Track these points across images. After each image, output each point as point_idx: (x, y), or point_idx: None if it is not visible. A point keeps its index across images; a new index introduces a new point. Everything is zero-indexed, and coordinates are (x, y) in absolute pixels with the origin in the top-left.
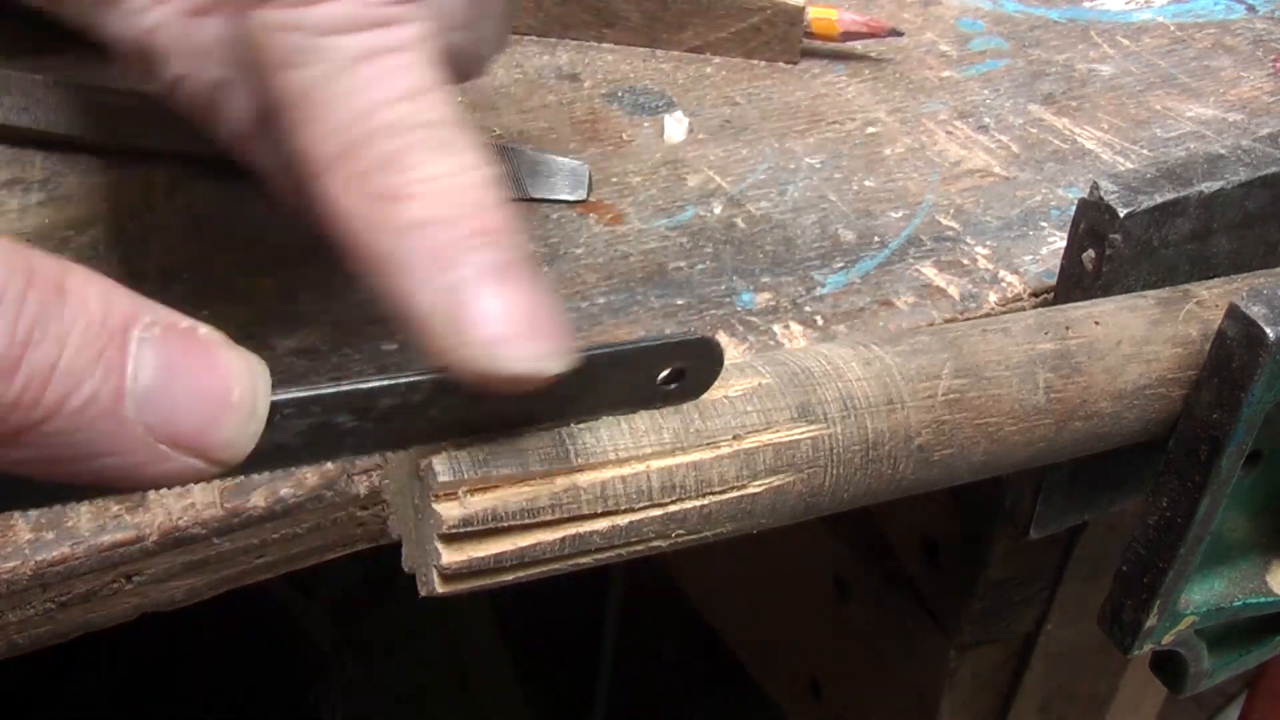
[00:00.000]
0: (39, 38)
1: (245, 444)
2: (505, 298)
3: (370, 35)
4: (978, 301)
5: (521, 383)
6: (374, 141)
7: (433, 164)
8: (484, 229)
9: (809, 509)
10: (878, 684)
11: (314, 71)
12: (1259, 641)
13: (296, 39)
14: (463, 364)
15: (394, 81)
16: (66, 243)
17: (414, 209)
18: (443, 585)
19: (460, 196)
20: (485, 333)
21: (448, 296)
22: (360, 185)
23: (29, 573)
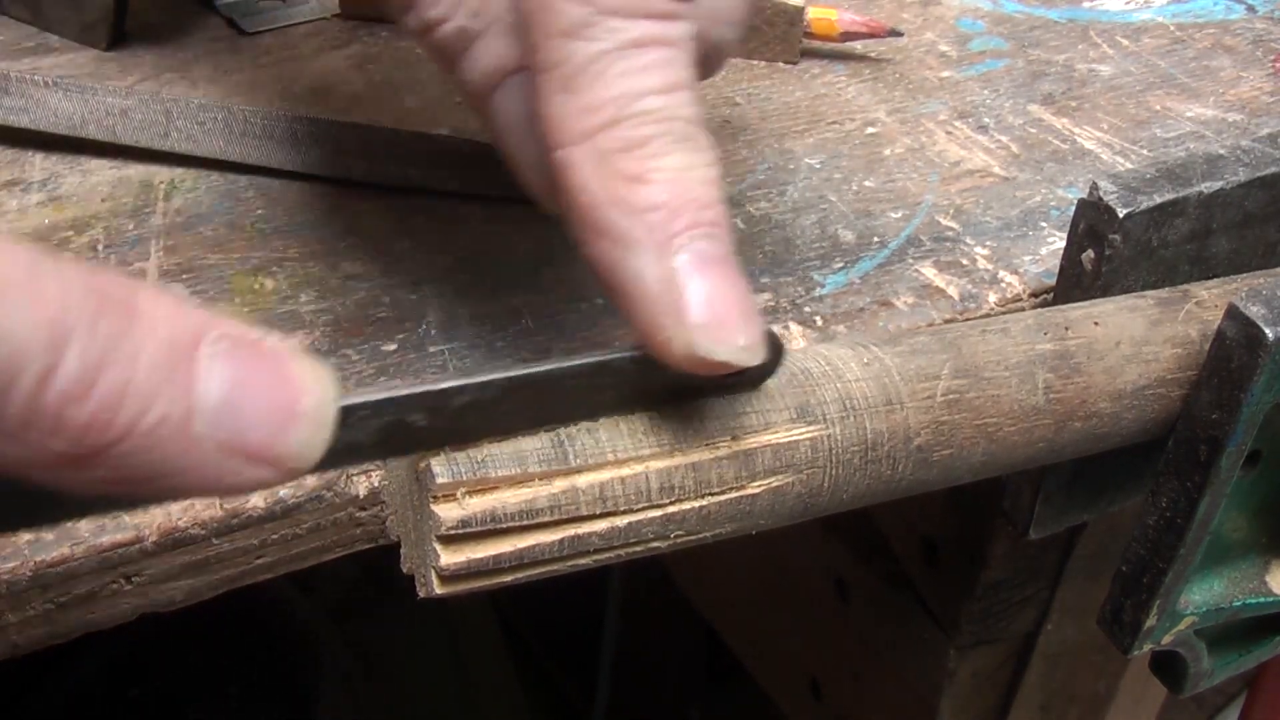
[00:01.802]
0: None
1: (315, 452)
2: (720, 287)
3: (649, 25)
4: (977, 302)
5: (719, 368)
6: (627, 125)
7: (674, 156)
8: (708, 222)
9: (808, 510)
10: (878, 684)
11: (591, 46)
12: (1259, 641)
13: (584, 12)
14: (670, 343)
15: (658, 73)
16: (66, 243)
17: (651, 192)
18: (441, 586)
19: (692, 189)
20: (699, 316)
21: (669, 277)
22: (605, 162)
23: (29, 573)
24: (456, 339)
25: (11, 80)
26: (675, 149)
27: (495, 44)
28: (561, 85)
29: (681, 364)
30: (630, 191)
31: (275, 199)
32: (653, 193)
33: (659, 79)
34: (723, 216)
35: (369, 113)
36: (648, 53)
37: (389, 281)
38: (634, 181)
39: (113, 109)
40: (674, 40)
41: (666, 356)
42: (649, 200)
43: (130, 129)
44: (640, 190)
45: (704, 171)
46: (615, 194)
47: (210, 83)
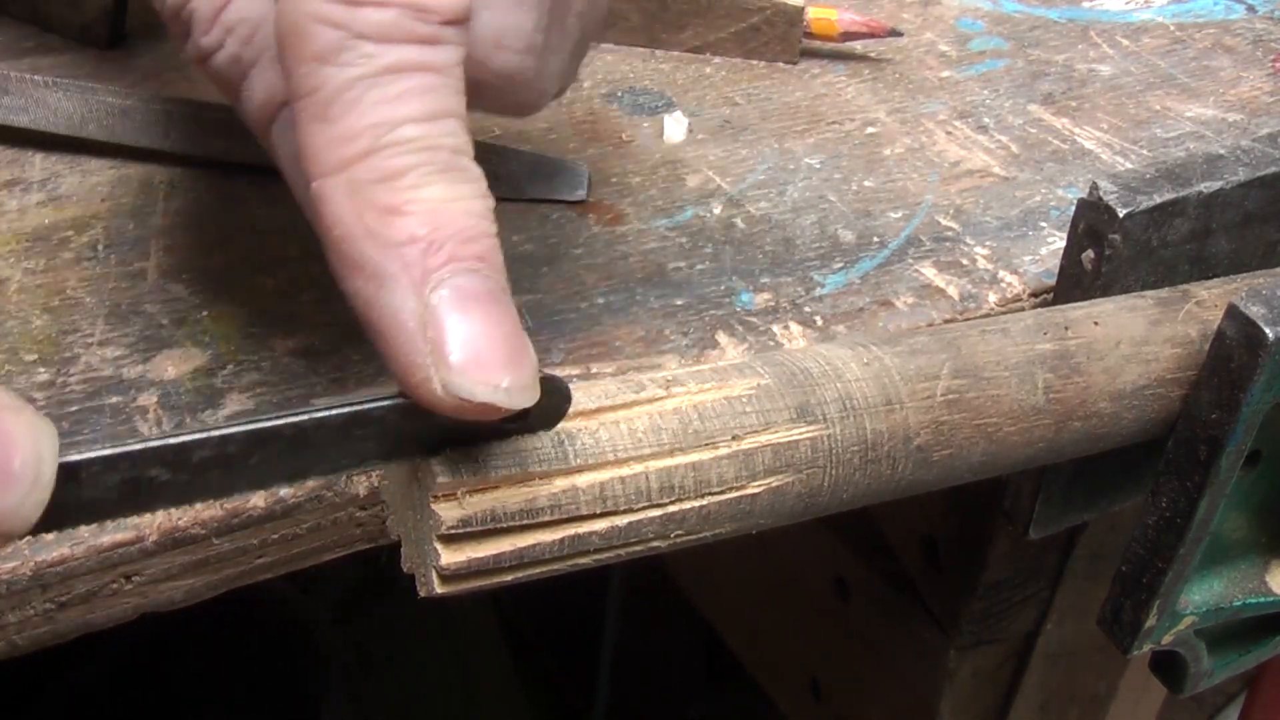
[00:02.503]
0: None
1: (30, 512)
2: (482, 325)
3: (407, 49)
4: (977, 302)
5: (483, 410)
6: (383, 155)
7: (434, 186)
8: (472, 255)
9: (808, 509)
10: (878, 684)
11: (345, 73)
12: (1259, 641)
13: (336, 36)
14: (427, 384)
15: (417, 100)
16: (66, 243)
17: (407, 224)
18: (442, 586)
19: (455, 221)
20: (458, 356)
21: (426, 314)
22: (359, 193)
23: (29, 573)
24: None
25: (11, 80)
26: (436, 179)
27: (268, 73)
28: (316, 114)
29: (441, 406)
30: (385, 224)
31: (275, 199)
32: (409, 225)
33: (418, 107)
34: (491, 250)
35: None
36: (406, 79)
37: None
38: (389, 214)
39: (113, 109)
40: (437, 66)
41: (425, 399)
42: (405, 233)
43: (130, 129)
44: (396, 223)
45: (469, 203)
46: (369, 227)
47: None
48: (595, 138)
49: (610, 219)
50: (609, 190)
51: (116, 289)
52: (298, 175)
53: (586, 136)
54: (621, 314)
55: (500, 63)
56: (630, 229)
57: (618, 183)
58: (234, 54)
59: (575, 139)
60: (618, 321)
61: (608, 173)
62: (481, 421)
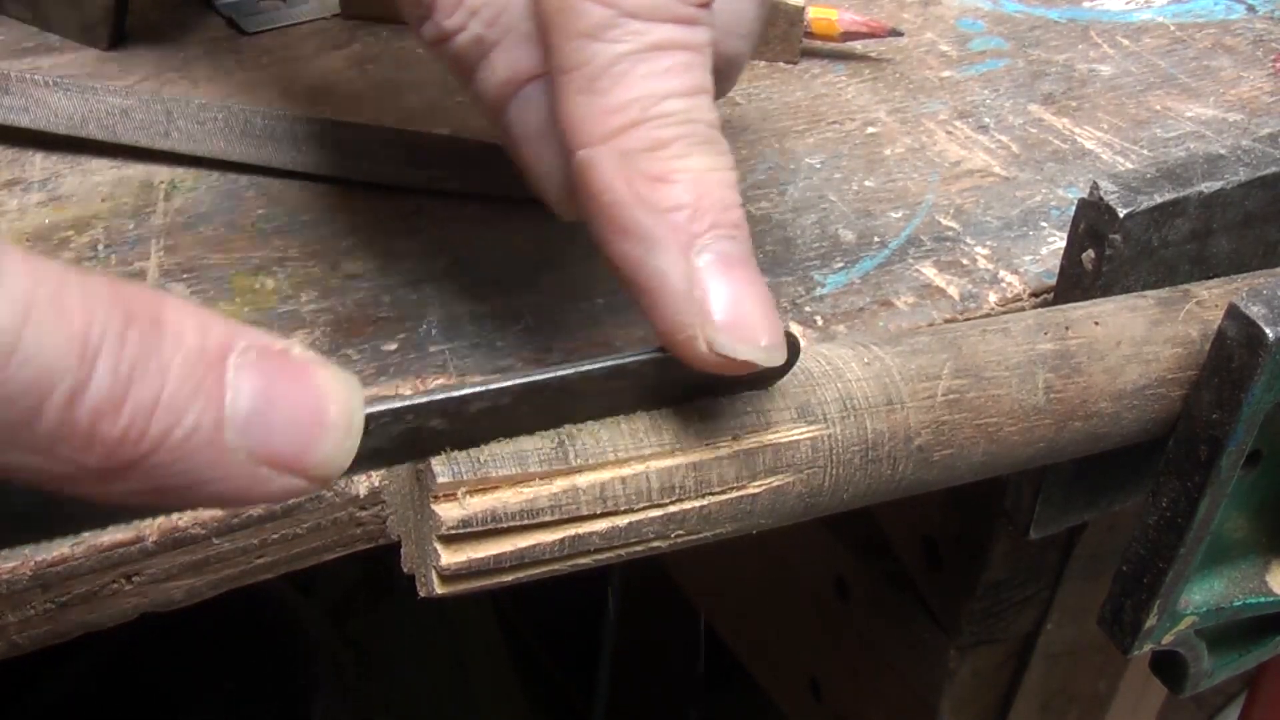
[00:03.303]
0: (39, 38)
1: (343, 460)
2: (743, 287)
3: (671, 29)
4: (977, 302)
5: (742, 367)
6: (651, 126)
7: (696, 157)
8: (730, 223)
9: (808, 509)
10: (878, 684)
11: (614, 48)
12: (1259, 641)
13: (606, 14)
14: (694, 341)
15: (681, 76)
16: (66, 243)
17: (675, 192)
18: (442, 586)
19: (714, 191)
20: (723, 315)
21: (693, 276)
22: (628, 162)
23: (29, 573)
24: (457, 339)
25: (12, 80)
26: (697, 151)
27: (511, 52)
28: (583, 86)
29: (704, 363)
30: (654, 191)
31: (275, 199)
32: (676, 193)
33: (681, 82)
34: (743, 219)
35: (369, 113)
36: (670, 56)
37: (389, 281)
38: (658, 181)
39: (113, 108)
40: (695, 45)
41: (689, 355)
42: (673, 200)
43: (131, 129)
44: (664, 190)
45: (725, 174)
46: (639, 194)
47: (210, 83)
48: None
49: None
50: None
51: None
52: (538, 149)
53: None
54: (621, 314)
55: (729, 47)
56: None
57: None
58: (477, 35)
59: None
60: (618, 321)
61: None
62: (733, 376)
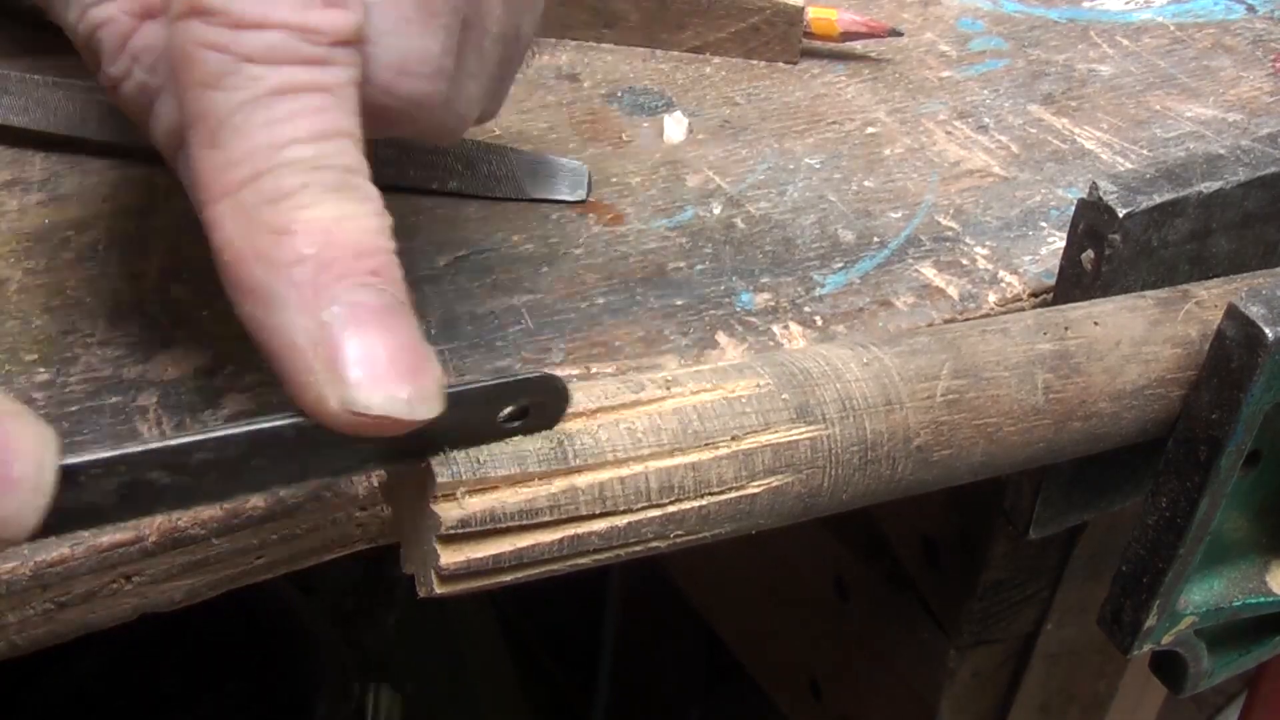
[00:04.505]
0: (39, 38)
1: (30, 518)
2: (377, 338)
3: (294, 70)
4: (977, 302)
5: (387, 424)
6: (272, 176)
7: (322, 206)
8: (365, 270)
9: (808, 509)
10: (878, 684)
11: (232, 97)
12: (1259, 641)
13: (221, 60)
14: (325, 401)
15: (306, 120)
16: (66, 243)
17: (296, 243)
18: (441, 586)
19: (343, 239)
20: (355, 372)
21: (317, 335)
22: (247, 217)
23: (28, 573)
24: (457, 339)
25: (11, 80)
26: (326, 198)
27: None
28: (205, 140)
29: (342, 424)
30: (273, 245)
31: None
32: (297, 244)
33: (307, 127)
34: (386, 264)
35: None
36: (294, 100)
37: None
38: (277, 234)
39: (113, 109)
40: (326, 85)
41: (322, 418)
42: (293, 253)
43: (131, 129)
44: (284, 242)
45: (362, 220)
46: (258, 249)
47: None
48: (595, 138)
49: (610, 219)
50: (609, 190)
51: (116, 289)
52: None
53: (586, 136)
54: (621, 314)
55: (406, 88)
56: (630, 229)
57: (618, 183)
58: (141, 82)
59: (575, 139)
60: (618, 321)
61: (608, 173)
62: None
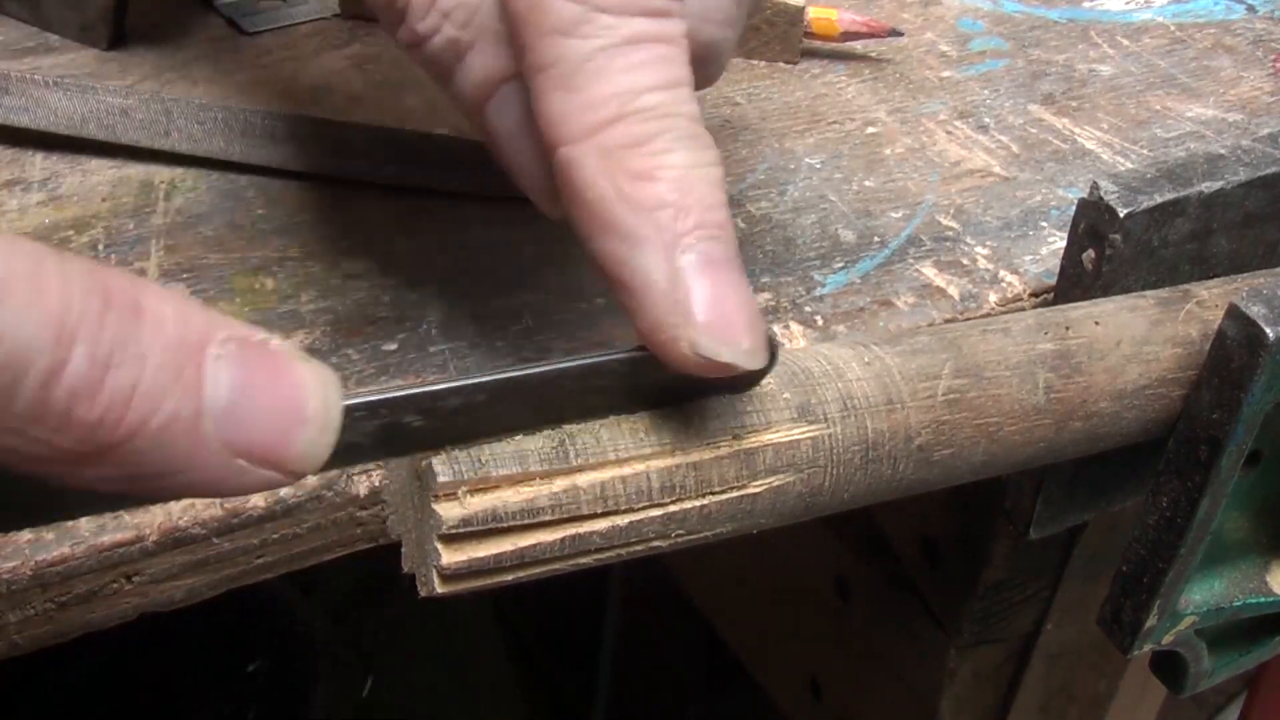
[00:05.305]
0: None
1: (320, 454)
2: (725, 289)
3: (644, 22)
4: (978, 301)
5: (722, 369)
6: (631, 121)
7: (679, 153)
8: (715, 223)
9: (809, 509)
10: (878, 684)
11: (587, 44)
12: (1259, 641)
13: (577, 9)
14: (675, 342)
15: (657, 70)
16: (66, 243)
17: (658, 190)
18: (442, 585)
19: (698, 188)
20: (705, 317)
21: (676, 276)
22: (610, 159)
23: (29, 573)
24: (457, 339)
25: (11, 80)
26: (680, 146)
27: (486, 54)
28: (559, 83)
29: (685, 364)
30: (637, 188)
31: (275, 199)
32: (660, 190)
33: (658, 75)
34: (728, 218)
35: (369, 113)
36: (645, 49)
37: (389, 281)
38: (640, 179)
39: (113, 108)
40: (669, 37)
41: (670, 356)
42: (657, 198)
43: (131, 128)
44: (647, 187)
45: (709, 171)
46: (622, 191)
47: (210, 83)
48: None
49: None
50: None
51: None
52: (518, 149)
53: None
54: (621, 314)
55: (706, 35)
56: None
57: None
58: (451, 38)
59: None
60: (618, 321)
61: None
62: (712, 378)
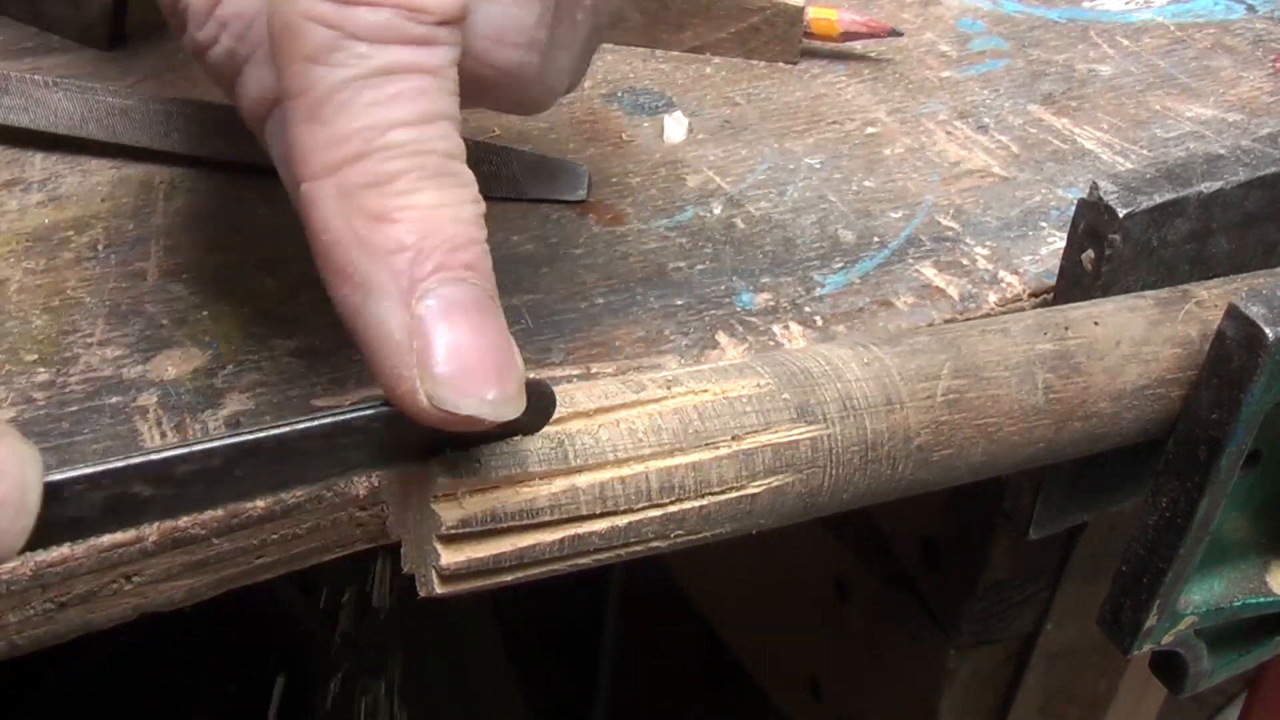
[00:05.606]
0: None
1: (15, 537)
2: (468, 335)
3: (401, 50)
4: (977, 302)
5: (466, 422)
6: (374, 159)
7: (424, 193)
8: (460, 264)
9: (808, 509)
10: (878, 684)
11: (337, 73)
12: (1259, 641)
13: (329, 36)
14: (412, 395)
15: (410, 103)
16: (66, 243)
17: (396, 232)
18: (442, 586)
19: (443, 229)
20: (443, 367)
21: (410, 325)
22: (349, 200)
23: (29, 573)
24: None
25: (11, 80)
26: (427, 185)
27: (263, 69)
28: (306, 114)
29: (425, 418)
30: (374, 231)
31: (275, 199)
32: (398, 233)
33: (410, 109)
34: (479, 257)
35: None
36: (398, 80)
37: None
38: (378, 220)
39: (113, 108)
40: (430, 68)
41: (410, 410)
42: (394, 241)
43: (131, 129)
44: (384, 230)
45: (459, 209)
46: (358, 234)
47: (210, 83)
48: (595, 138)
49: (610, 219)
50: (609, 190)
51: (116, 289)
52: (289, 174)
53: (586, 136)
54: (621, 314)
55: (502, 59)
56: (630, 229)
57: (618, 183)
58: (229, 49)
59: (575, 139)
60: (618, 321)
61: (608, 173)
62: (461, 431)
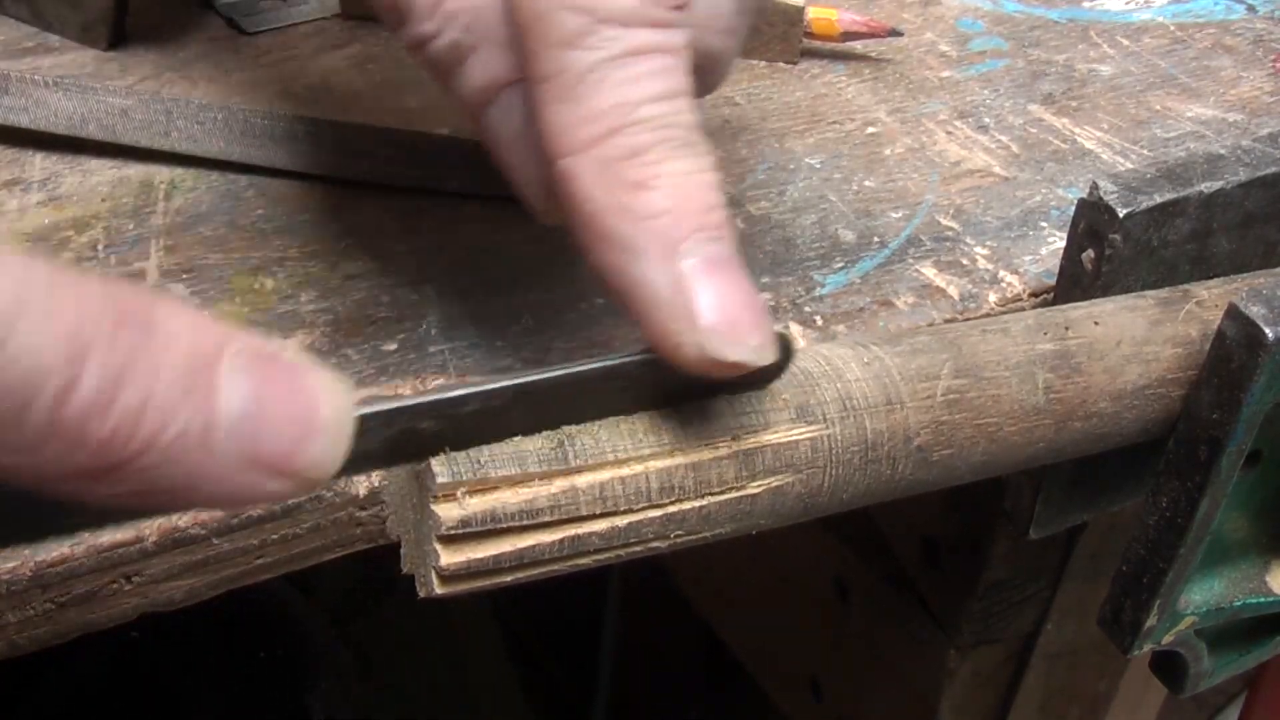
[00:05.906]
0: (39, 38)
1: (332, 463)
2: (728, 289)
3: (646, 33)
4: (977, 301)
5: (733, 369)
6: (629, 132)
7: (675, 161)
8: (712, 225)
9: (808, 510)
10: (878, 684)
11: (590, 56)
12: (1259, 641)
13: (581, 21)
14: (682, 347)
15: (656, 80)
16: (66, 243)
17: (654, 199)
18: (442, 586)
19: (695, 194)
20: (710, 319)
21: (678, 282)
22: (608, 170)
23: (29, 573)
24: (457, 339)
25: (11, 80)
26: (676, 155)
27: (489, 58)
28: (560, 95)
29: (695, 367)
30: (634, 199)
31: (275, 199)
32: (656, 199)
33: (657, 86)
34: (726, 219)
35: (369, 113)
36: (645, 61)
37: (389, 281)
38: (637, 189)
39: (113, 108)
40: (671, 48)
41: (679, 360)
42: (653, 207)
43: (130, 129)
44: (644, 197)
45: (705, 176)
46: (619, 202)
47: (210, 83)
48: None
49: None
50: None
51: None
52: (518, 154)
53: None
54: (621, 314)
55: (708, 44)
56: None
57: None
58: (453, 40)
59: None
60: (618, 321)
61: None
62: (725, 377)
